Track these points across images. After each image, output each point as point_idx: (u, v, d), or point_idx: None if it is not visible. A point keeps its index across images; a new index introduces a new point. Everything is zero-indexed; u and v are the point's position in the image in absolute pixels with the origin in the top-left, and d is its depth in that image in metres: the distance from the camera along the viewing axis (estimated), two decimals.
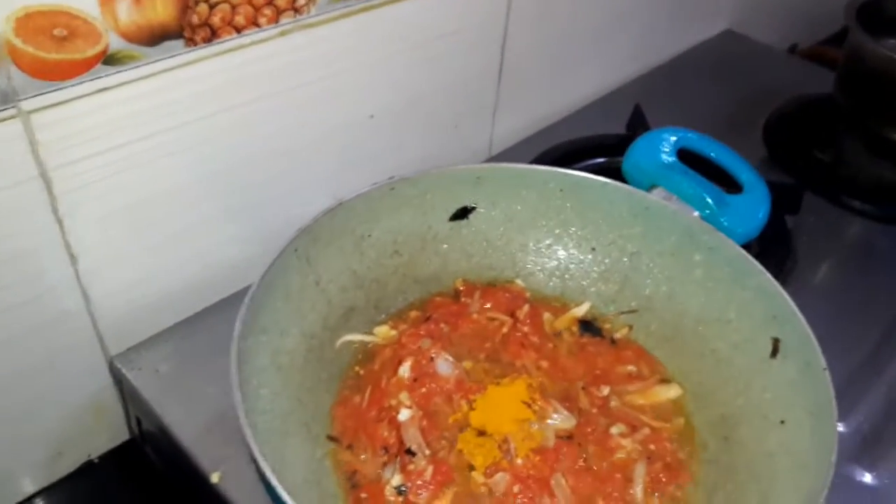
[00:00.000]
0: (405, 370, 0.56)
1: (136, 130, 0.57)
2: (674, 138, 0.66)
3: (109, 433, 0.69)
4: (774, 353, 0.54)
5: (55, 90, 0.51)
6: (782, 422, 0.52)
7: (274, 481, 0.39)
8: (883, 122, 0.88)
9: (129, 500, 0.68)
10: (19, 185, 0.53)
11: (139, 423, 0.66)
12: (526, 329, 0.61)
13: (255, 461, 0.41)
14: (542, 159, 0.83)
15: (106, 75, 0.53)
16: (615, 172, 0.68)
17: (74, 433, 0.66)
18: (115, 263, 0.61)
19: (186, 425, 0.59)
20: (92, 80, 0.53)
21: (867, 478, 0.59)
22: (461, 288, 0.64)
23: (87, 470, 0.68)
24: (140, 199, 0.60)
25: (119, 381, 0.64)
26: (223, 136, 0.62)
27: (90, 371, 0.64)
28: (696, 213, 0.61)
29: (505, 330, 0.61)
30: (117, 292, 0.62)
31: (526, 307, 0.63)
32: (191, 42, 0.57)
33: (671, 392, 0.58)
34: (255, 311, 0.49)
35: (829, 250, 0.82)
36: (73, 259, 0.58)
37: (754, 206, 0.63)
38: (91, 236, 0.58)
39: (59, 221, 0.56)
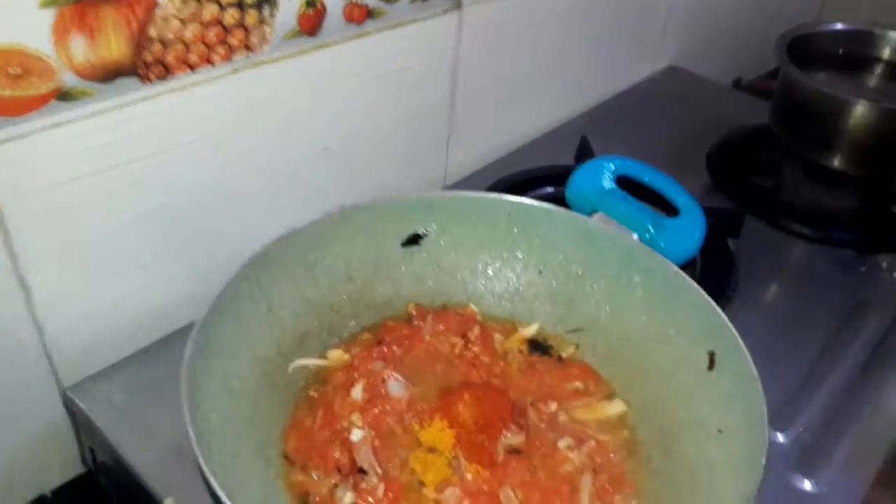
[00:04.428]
0: (357, 392, 0.58)
1: (90, 165, 0.58)
2: (613, 166, 0.69)
3: (62, 467, 0.69)
4: (711, 365, 0.57)
5: (9, 126, 0.53)
6: (720, 431, 0.54)
7: (220, 492, 0.40)
8: (814, 150, 0.92)
9: None
10: None
11: (93, 454, 0.66)
12: (476, 350, 0.63)
13: (205, 480, 0.42)
14: (493, 189, 0.86)
15: (60, 112, 0.55)
16: (563, 201, 0.70)
17: (25, 467, 0.66)
18: (69, 296, 0.62)
19: (141, 454, 0.59)
20: (46, 116, 0.54)
21: (807, 485, 0.62)
22: (414, 312, 0.66)
23: None
24: (94, 233, 0.61)
25: (73, 412, 0.64)
26: (177, 171, 0.64)
27: (43, 403, 0.64)
28: (636, 237, 0.64)
29: (457, 351, 0.63)
30: (72, 324, 0.63)
31: (476, 329, 0.65)
32: (145, 79, 0.59)
33: (615, 408, 0.60)
34: (207, 336, 0.51)
35: (770, 271, 0.85)
36: (26, 292, 0.59)
37: (690, 228, 0.66)
38: (45, 269, 0.59)
39: (13, 255, 0.57)
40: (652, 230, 0.64)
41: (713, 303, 0.57)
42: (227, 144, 0.66)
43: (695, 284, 0.59)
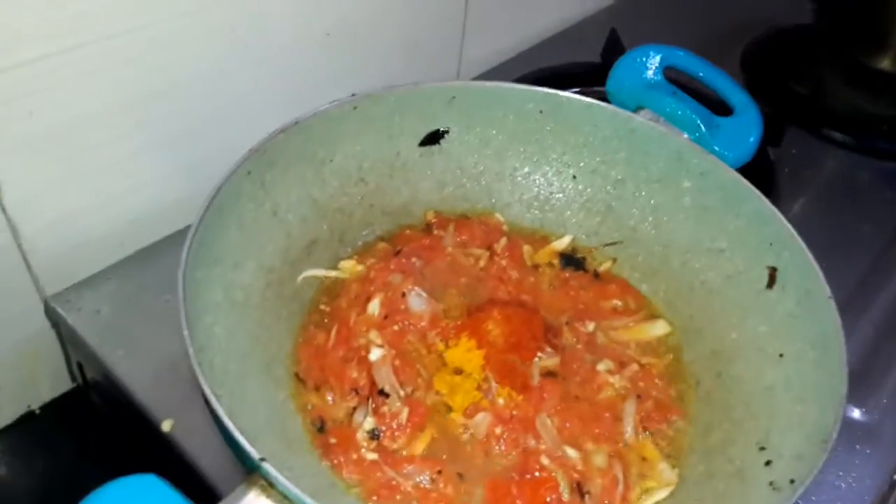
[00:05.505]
0: (375, 307, 0.52)
1: (61, 40, 0.50)
2: (660, 56, 0.62)
3: (51, 382, 0.63)
4: (771, 283, 0.51)
5: None
6: (781, 355, 0.48)
7: (227, 422, 0.35)
8: (864, 50, 0.85)
9: (73, 451, 0.63)
10: None
11: (81, 369, 0.60)
12: (504, 263, 0.57)
13: (207, 403, 0.36)
14: None
15: None
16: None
17: (10, 382, 0.60)
18: (45, 194, 0.55)
19: (134, 371, 0.53)
20: None
21: (857, 414, 0.57)
22: (433, 220, 0.59)
23: (28, 421, 0.63)
24: (69, 120, 0.53)
25: (56, 323, 0.58)
26: (162, 52, 0.55)
27: (24, 314, 0.58)
28: (686, 136, 0.57)
29: (482, 264, 0.57)
30: (50, 226, 0.56)
31: (503, 240, 0.58)
32: None
33: (659, 329, 0.55)
34: (205, 239, 0.44)
35: (811, 183, 0.79)
36: None
37: (746, 129, 0.59)
38: (14, 162, 0.52)
39: None
40: (704, 130, 0.57)
41: (777, 212, 0.51)
42: (219, 24, 0.58)
43: (756, 191, 0.52)
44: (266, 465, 0.34)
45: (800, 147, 0.81)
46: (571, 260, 0.59)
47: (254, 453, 0.34)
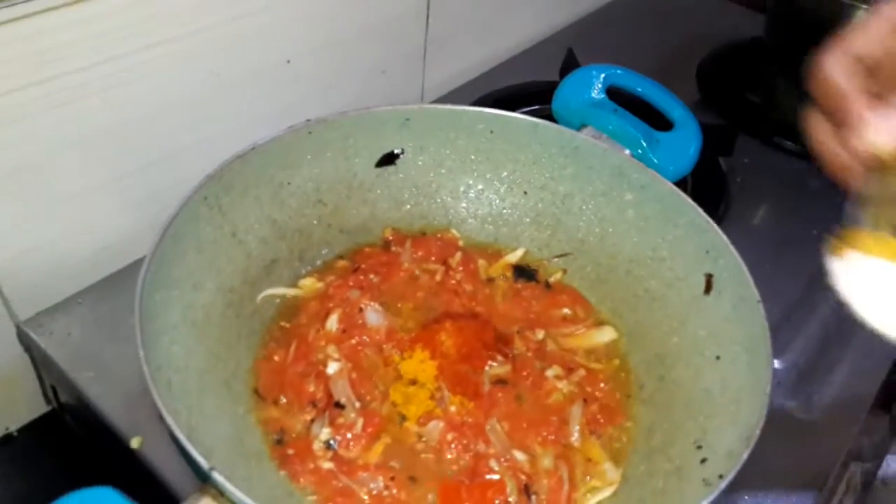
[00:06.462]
0: (333, 322, 0.54)
1: (16, 80, 0.51)
2: (603, 76, 0.64)
3: (27, 404, 0.65)
4: (708, 289, 0.54)
5: None
6: (718, 358, 0.51)
7: (179, 434, 0.37)
8: (812, 62, 0.88)
9: (50, 472, 0.64)
10: None
11: (55, 391, 0.62)
12: (459, 277, 0.59)
13: (163, 420, 0.38)
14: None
15: None
16: (550, 119, 0.66)
17: None
18: (15, 224, 0.57)
19: (103, 391, 0.55)
20: None
21: (803, 413, 0.60)
22: (391, 237, 0.62)
23: (5, 443, 0.64)
24: (39, 152, 0.55)
25: (29, 348, 0.60)
26: (121, 86, 0.57)
27: None
28: (627, 152, 0.60)
29: (437, 278, 0.59)
30: (21, 255, 0.58)
31: (458, 255, 0.61)
32: None
33: (606, 335, 0.57)
34: (163, 263, 0.46)
35: (763, 191, 0.81)
36: None
37: (685, 142, 0.62)
38: None
39: None
40: (644, 145, 0.60)
41: (711, 222, 0.54)
42: (177, 56, 0.60)
43: (691, 202, 0.55)
44: (215, 474, 0.36)
45: (752, 156, 0.84)
46: (524, 272, 0.61)
47: (203, 463, 0.36)
